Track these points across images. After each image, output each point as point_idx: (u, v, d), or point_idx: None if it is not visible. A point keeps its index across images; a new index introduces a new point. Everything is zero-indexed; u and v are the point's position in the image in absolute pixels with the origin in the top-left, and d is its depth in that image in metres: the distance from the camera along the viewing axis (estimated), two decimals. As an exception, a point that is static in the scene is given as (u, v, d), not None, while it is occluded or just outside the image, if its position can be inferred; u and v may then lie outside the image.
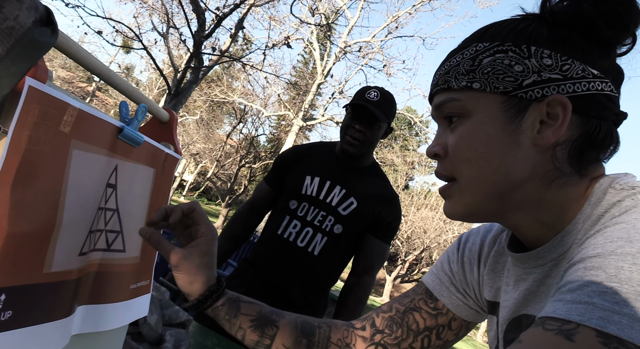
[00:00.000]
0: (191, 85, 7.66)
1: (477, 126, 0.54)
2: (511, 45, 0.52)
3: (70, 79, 22.38)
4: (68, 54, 0.49)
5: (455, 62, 0.56)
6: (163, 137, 0.76)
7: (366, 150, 1.57)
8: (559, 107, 0.50)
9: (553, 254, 0.53)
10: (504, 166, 0.52)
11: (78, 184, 0.50)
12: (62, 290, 0.50)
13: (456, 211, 0.57)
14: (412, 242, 21.25)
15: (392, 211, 1.60)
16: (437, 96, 0.59)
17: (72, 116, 0.47)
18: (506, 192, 0.53)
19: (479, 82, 0.53)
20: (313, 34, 13.57)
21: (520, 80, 0.51)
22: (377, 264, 1.60)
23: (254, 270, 1.59)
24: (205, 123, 23.46)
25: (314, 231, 1.55)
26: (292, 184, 1.61)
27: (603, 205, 0.50)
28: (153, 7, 10.05)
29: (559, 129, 0.50)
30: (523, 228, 0.56)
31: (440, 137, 0.58)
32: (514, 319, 0.58)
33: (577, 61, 0.50)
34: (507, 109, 0.52)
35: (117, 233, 0.62)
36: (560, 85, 0.50)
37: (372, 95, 1.51)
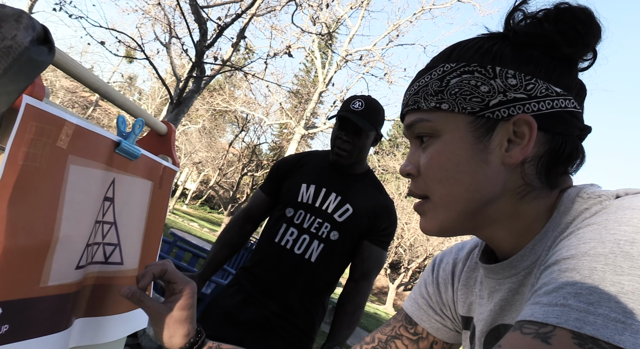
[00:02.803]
0: (193, 94, 7.70)
1: (447, 146, 0.55)
2: (477, 66, 0.53)
3: (73, 89, 22.50)
4: (66, 70, 0.50)
5: (424, 83, 0.57)
6: (161, 150, 0.77)
7: (356, 159, 1.59)
8: (524, 126, 0.52)
9: (525, 262, 0.54)
10: (474, 184, 0.53)
11: (75, 198, 0.51)
12: (59, 304, 0.51)
13: (431, 227, 0.58)
14: (415, 250, 21.18)
15: (388, 217, 1.62)
16: (408, 116, 0.60)
17: (69, 132, 0.48)
18: (479, 208, 0.54)
19: (447, 103, 0.54)
20: (314, 42, 13.64)
21: (487, 101, 0.53)
22: (374, 270, 1.60)
23: (251, 278, 1.60)
24: (207, 132, 23.54)
25: (311, 238, 1.56)
26: (288, 192, 1.62)
27: (572, 213, 0.51)
28: (156, 17, 10.14)
29: (526, 147, 0.52)
30: (497, 239, 0.57)
31: (412, 156, 0.60)
32: (492, 330, 0.58)
33: (541, 80, 0.52)
34: (475, 129, 0.53)
35: (115, 245, 0.63)
36: (525, 104, 0.52)
37: (356, 105, 1.52)
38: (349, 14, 12.87)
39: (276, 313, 1.54)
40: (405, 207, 22.70)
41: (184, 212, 22.41)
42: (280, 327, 1.53)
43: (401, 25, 13.11)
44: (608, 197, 0.50)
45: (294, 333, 1.55)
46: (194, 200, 27.56)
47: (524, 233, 0.55)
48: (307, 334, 1.58)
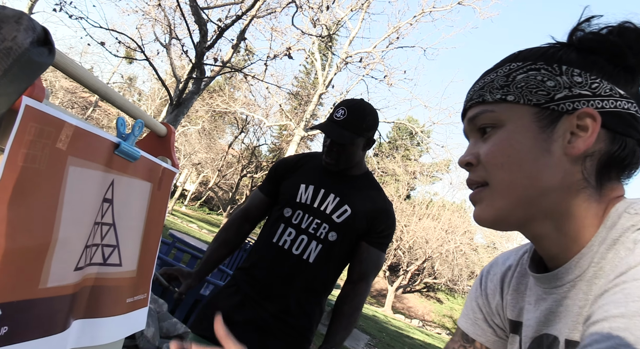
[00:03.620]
0: (193, 95, 7.70)
1: (510, 134, 0.57)
2: (543, 64, 0.56)
3: (73, 89, 22.50)
4: (66, 72, 0.50)
5: (489, 79, 0.60)
6: (160, 151, 0.77)
7: (345, 166, 1.59)
8: (588, 119, 0.54)
9: (571, 275, 0.55)
10: (535, 172, 0.55)
11: (74, 200, 0.51)
12: (58, 305, 0.51)
13: (487, 215, 0.59)
14: (414, 252, 21.16)
15: (386, 219, 1.61)
16: (471, 109, 0.62)
17: (69, 133, 0.48)
18: (535, 198, 0.56)
19: (513, 95, 0.57)
20: (314, 44, 13.66)
21: (553, 94, 0.55)
22: (372, 272, 1.60)
23: (249, 278, 1.59)
24: (207, 133, 23.54)
25: (309, 239, 1.55)
26: (286, 192, 1.62)
27: (617, 228, 0.52)
28: (156, 18, 10.15)
29: (589, 139, 0.53)
30: (546, 240, 0.58)
31: (472, 148, 0.62)
32: (536, 338, 0.60)
33: (605, 81, 0.54)
34: (539, 120, 0.56)
35: (114, 247, 0.63)
36: (589, 100, 0.54)
37: (339, 114, 1.52)
38: (349, 16, 12.88)
39: (273, 314, 1.53)
40: (404, 209, 22.70)
41: (183, 213, 22.39)
42: (278, 328, 1.53)
43: (401, 27, 13.11)
44: None
45: (291, 334, 1.55)
46: (193, 201, 27.53)
47: (573, 237, 0.56)
48: (304, 335, 1.58)
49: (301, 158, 1.72)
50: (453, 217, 22.10)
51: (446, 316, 24.79)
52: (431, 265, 22.23)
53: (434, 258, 21.19)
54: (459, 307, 26.01)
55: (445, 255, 20.77)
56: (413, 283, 23.47)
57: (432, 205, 24.08)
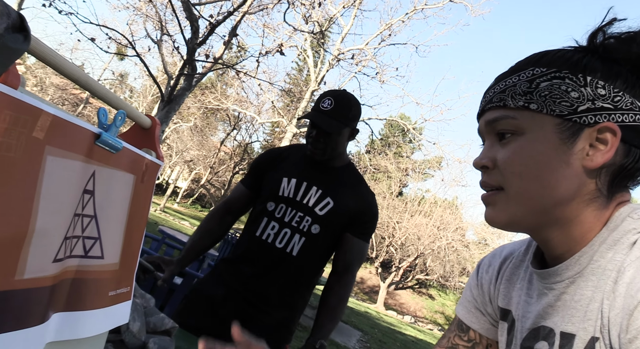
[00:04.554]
0: (184, 92, 7.66)
1: (530, 144, 0.58)
2: (568, 73, 0.56)
3: (63, 86, 22.30)
4: (43, 60, 0.49)
5: (511, 83, 0.60)
6: (145, 143, 0.76)
7: (330, 156, 1.59)
8: (608, 133, 0.55)
9: (570, 272, 0.58)
10: (552, 182, 0.56)
11: (53, 190, 0.50)
12: (35, 297, 0.50)
13: (500, 219, 0.61)
14: (406, 249, 21.25)
15: (369, 209, 1.63)
16: (491, 112, 0.62)
17: (46, 122, 0.47)
18: (549, 207, 0.57)
19: (536, 104, 0.57)
20: (307, 41, 13.63)
21: (576, 106, 0.56)
22: (356, 262, 1.62)
23: (233, 270, 1.60)
24: (199, 130, 23.45)
25: (292, 232, 1.56)
26: (269, 186, 1.63)
27: (619, 230, 0.55)
28: (147, 14, 10.07)
29: (608, 153, 0.55)
30: (552, 243, 0.60)
31: (488, 150, 0.62)
32: (534, 329, 0.62)
33: (627, 94, 0.55)
34: (561, 131, 0.56)
35: (95, 239, 0.62)
36: (611, 114, 0.55)
37: (325, 104, 1.52)
38: (341, 12, 12.87)
39: (257, 307, 1.55)
40: (396, 206, 22.78)
41: (175, 210, 22.30)
42: (260, 320, 1.54)
43: (393, 24, 13.13)
44: None
45: (274, 326, 1.56)
46: (185, 198, 27.43)
47: (578, 240, 0.58)
48: (286, 326, 1.60)
49: (283, 151, 1.72)
50: (445, 214, 22.22)
51: (438, 312, 24.95)
52: (423, 261, 22.33)
53: (425, 255, 21.28)
54: (451, 303, 26.18)
55: (437, 251, 20.87)
56: (405, 280, 23.57)
57: (424, 201, 24.18)
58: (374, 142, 25.27)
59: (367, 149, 22.26)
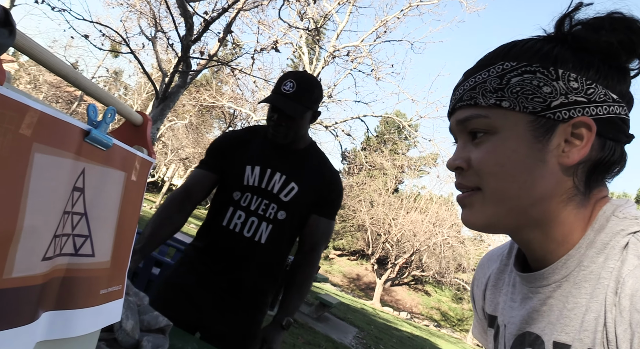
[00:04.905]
0: (179, 89, 7.63)
1: (504, 142, 0.56)
2: (539, 67, 0.54)
3: (57, 83, 22.16)
4: (30, 55, 0.48)
5: (481, 79, 0.58)
6: (136, 140, 0.76)
7: (293, 139, 1.57)
8: (583, 128, 0.53)
9: (557, 276, 0.56)
10: (529, 182, 0.55)
11: (41, 188, 0.49)
12: (24, 296, 0.49)
13: (477, 220, 0.59)
14: (402, 245, 21.31)
15: (334, 188, 1.63)
16: (462, 111, 0.60)
17: (33, 119, 0.46)
18: (527, 207, 0.56)
19: (508, 101, 0.55)
20: (302, 38, 13.59)
21: (549, 101, 0.54)
22: (322, 241, 1.63)
23: (204, 258, 1.61)
24: (194, 128, 23.38)
25: (259, 221, 1.56)
26: (233, 175, 1.60)
27: (607, 232, 0.53)
28: (141, 11, 10.02)
29: (584, 148, 0.54)
30: (533, 244, 0.59)
31: (462, 151, 0.60)
32: (519, 335, 0.60)
33: (600, 85, 0.54)
34: (535, 128, 0.55)
35: (86, 237, 0.61)
36: (585, 107, 0.53)
37: (287, 86, 1.47)
38: (336, 9, 12.84)
39: (230, 292, 1.57)
40: (392, 203, 22.82)
41: (171, 208, 22.17)
42: (232, 304, 1.58)
43: (389, 21, 13.11)
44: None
45: (247, 309, 1.60)
46: (181, 196, 27.28)
47: (560, 241, 0.56)
48: (258, 307, 1.63)
49: (243, 134, 1.68)
50: (440, 210, 22.27)
51: (434, 309, 25.05)
52: (419, 257, 22.39)
53: (421, 251, 21.33)
54: (447, 299, 26.30)
55: (433, 247, 20.93)
56: (401, 276, 23.63)
57: (419, 198, 24.23)
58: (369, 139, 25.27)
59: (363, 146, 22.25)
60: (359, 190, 23.89)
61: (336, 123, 13.84)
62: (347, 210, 24.31)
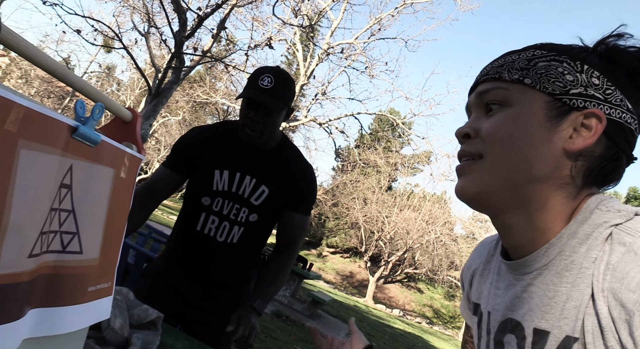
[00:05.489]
0: (172, 85, 7.59)
1: (517, 115, 0.58)
2: (567, 58, 0.58)
3: (49, 78, 21.96)
4: (16, 50, 0.48)
5: (510, 60, 0.62)
6: (125, 137, 0.75)
7: (268, 138, 1.53)
8: (594, 120, 0.56)
9: (538, 264, 0.58)
10: (531, 156, 0.57)
11: (27, 184, 0.49)
12: (10, 293, 0.49)
13: (472, 188, 0.60)
14: (395, 243, 21.37)
15: (306, 184, 1.61)
16: (484, 84, 0.63)
17: (19, 115, 0.46)
18: (522, 183, 0.57)
19: (530, 79, 0.58)
20: (296, 35, 13.56)
21: (569, 88, 0.57)
22: (297, 237, 1.63)
23: (181, 260, 1.63)
24: (188, 124, 23.26)
25: (231, 225, 1.56)
26: (202, 180, 1.58)
27: (590, 224, 0.54)
28: (134, 6, 9.94)
29: (589, 139, 0.56)
30: (514, 230, 0.60)
31: (473, 122, 0.63)
32: (502, 322, 0.63)
33: (619, 91, 0.57)
34: (549, 109, 0.57)
35: (73, 234, 0.61)
36: (600, 104, 0.56)
37: (265, 82, 1.42)
38: (330, 6, 12.82)
39: (210, 286, 1.61)
40: (385, 200, 22.87)
41: (164, 205, 22.15)
42: (216, 296, 1.61)
43: (383, 19, 13.11)
44: (628, 213, 0.53)
45: (230, 300, 1.63)
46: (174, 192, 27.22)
47: (541, 229, 0.58)
48: (243, 297, 1.65)
49: (212, 132, 1.62)
50: (433, 208, 22.35)
51: (426, 306, 25.16)
52: (412, 255, 22.47)
53: (414, 249, 21.40)
54: (439, 296, 26.42)
55: (426, 245, 21.01)
56: (394, 274, 23.71)
57: (413, 196, 24.30)
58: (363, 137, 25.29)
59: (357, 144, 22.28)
60: (352, 187, 23.91)
61: (330, 121, 13.83)
62: (341, 207, 24.34)
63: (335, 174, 30.79)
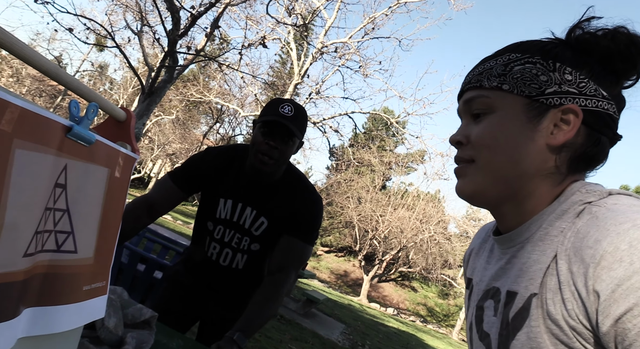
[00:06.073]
0: (165, 84, 7.56)
1: (501, 120, 0.63)
2: (540, 59, 0.62)
3: (40, 77, 21.79)
4: (10, 50, 0.48)
5: (489, 66, 0.66)
6: (120, 137, 0.75)
7: (280, 168, 1.51)
8: (571, 115, 0.60)
9: (521, 237, 0.64)
10: (517, 156, 0.62)
11: (22, 184, 0.49)
12: (5, 292, 0.49)
13: (468, 189, 0.67)
14: (389, 242, 21.41)
15: (303, 212, 1.55)
16: (468, 92, 0.68)
17: (14, 114, 0.46)
18: (512, 179, 0.63)
19: (508, 85, 0.63)
20: (290, 34, 13.55)
21: (544, 88, 0.61)
22: (291, 263, 1.52)
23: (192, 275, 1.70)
24: (181, 123, 23.19)
25: (234, 252, 1.59)
26: (207, 205, 1.61)
27: (568, 203, 0.60)
28: (126, 4, 9.88)
29: (569, 133, 0.60)
30: (508, 216, 0.67)
31: (464, 129, 0.68)
32: (486, 290, 0.70)
33: (592, 82, 0.61)
34: (528, 110, 0.62)
35: (68, 233, 0.61)
36: (575, 98, 0.60)
37: (286, 110, 1.43)
38: (324, 5, 12.81)
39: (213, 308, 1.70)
40: (379, 199, 22.91)
41: (157, 204, 22.00)
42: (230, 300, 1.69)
43: (377, 18, 13.12)
44: (602, 193, 0.58)
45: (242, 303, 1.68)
46: (168, 192, 27.06)
47: (529, 211, 0.64)
48: None
49: (224, 158, 1.60)
50: (427, 207, 22.42)
51: (420, 304, 25.25)
52: (406, 254, 22.53)
53: (408, 248, 21.46)
54: (433, 295, 26.52)
55: (420, 244, 21.08)
56: (388, 272, 23.77)
57: (407, 195, 24.35)
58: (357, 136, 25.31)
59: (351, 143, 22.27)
60: (346, 186, 23.94)
61: (324, 120, 13.84)
62: (335, 206, 24.36)
63: (330, 173, 30.81)
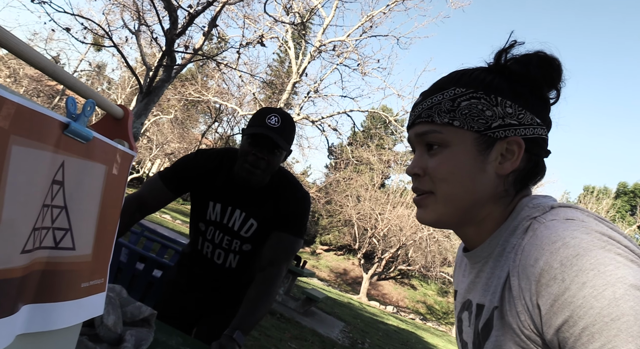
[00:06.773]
0: (163, 83, 7.55)
1: (455, 155, 0.69)
2: (483, 94, 0.68)
3: (38, 77, 21.75)
4: (6, 47, 0.48)
5: (436, 100, 0.71)
6: (117, 134, 0.75)
7: (267, 176, 1.53)
8: (515, 145, 0.67)
9: (484, 253, 0.71)
10: (472, 187, 0.68)
11: (19, 181, 0.49)
12: (3, 289, 0.49)
13: (429, 218, 0.73)
14: (389, 240, 21.42)
15: (292, 209, 1.57)
16: (420, 126, 0.73)
17: (10, 111, 0.46)
18: (469, 207, 0.69)
19: (458, 121, 0.68)
20: (288, 32, 13.54)
21: (490, 123, 0.68)
22: (282, 257, 1.54)
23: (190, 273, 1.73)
24: (179, 123, 23.17)
25: (226, 252, 1.63)
26: (198, 207, 1.64)
27: (518, 219, 0.67)
28: (124, 4, 9.86)
29: (515, 162, 0.68)
30: (470, 236, 0.74)
31: (419, 160, 0.73)
32: (463, 302, 0.77)
33: (528, 112, 0.68)
34: (479, 144, 0.68)
35: (66, 230, 0.61)
36: (516, 129, 0.68)
37: (273, 121, 1.43)
38: (322, 3, 12.80)
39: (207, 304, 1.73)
40: (378, 198, 22.91)
41: (156, 204, 21.97)
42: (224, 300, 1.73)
43: (375, 16, 13.12)
44: (545, 207, 0.65)
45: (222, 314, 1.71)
46: (166, 191, 27.02)
47: (489, 231, 0.71)
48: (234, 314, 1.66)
49: (213, 160, 1.62)
50: (426, 205, 22.32)
51: (420, 302, 25.28)
52: (405, 252, 22.55)
53: (407, 246, 21.47)
54: (432, 293, 26.55)
55: (419, 242, 21.09)
56: (387, 270, 23.79)
57: (406, 193, 24.34)
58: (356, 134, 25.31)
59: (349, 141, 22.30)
60: (345, 185, 23.94)
61: (323, 118, 13.83)
62: (334, 205, 24.36)
63: (329, 172, 30.81)
